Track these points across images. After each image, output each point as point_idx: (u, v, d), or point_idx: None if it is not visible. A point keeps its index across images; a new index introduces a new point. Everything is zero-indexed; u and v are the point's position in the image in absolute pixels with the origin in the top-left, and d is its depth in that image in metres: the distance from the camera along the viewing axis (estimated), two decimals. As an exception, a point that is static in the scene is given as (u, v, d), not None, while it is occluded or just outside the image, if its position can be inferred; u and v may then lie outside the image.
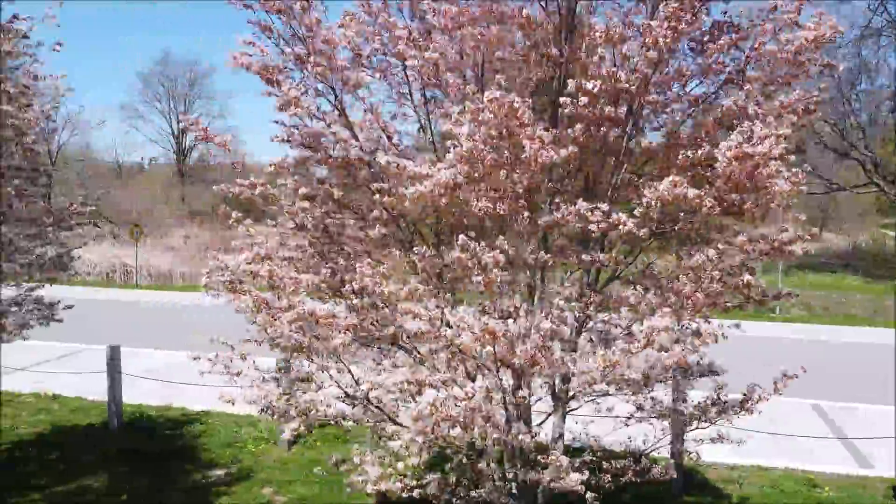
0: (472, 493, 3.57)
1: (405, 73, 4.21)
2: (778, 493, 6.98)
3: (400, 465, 3.52)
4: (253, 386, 3.90)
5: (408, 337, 3.56)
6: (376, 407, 3.44)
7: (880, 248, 34.33)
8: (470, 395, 2.96)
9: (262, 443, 8.16)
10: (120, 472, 7.34)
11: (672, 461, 4.42)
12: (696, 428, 4.14)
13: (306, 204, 4.27)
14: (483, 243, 2.95)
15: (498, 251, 2.95)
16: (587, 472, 3.67)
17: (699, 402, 4.19)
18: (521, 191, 3.19)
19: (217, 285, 3.57)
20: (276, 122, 4.71)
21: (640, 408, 4.19)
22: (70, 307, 6.48)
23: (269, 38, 4.30)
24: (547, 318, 3.00)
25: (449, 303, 3.72)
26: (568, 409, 4.31)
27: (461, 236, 2.94)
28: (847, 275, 26.66)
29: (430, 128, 4.35)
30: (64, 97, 5.29)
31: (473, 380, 3.55)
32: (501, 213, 3.20)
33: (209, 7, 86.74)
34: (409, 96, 4.32)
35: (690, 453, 4.18)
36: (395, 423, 3.94)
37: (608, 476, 3.99)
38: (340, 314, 3.44)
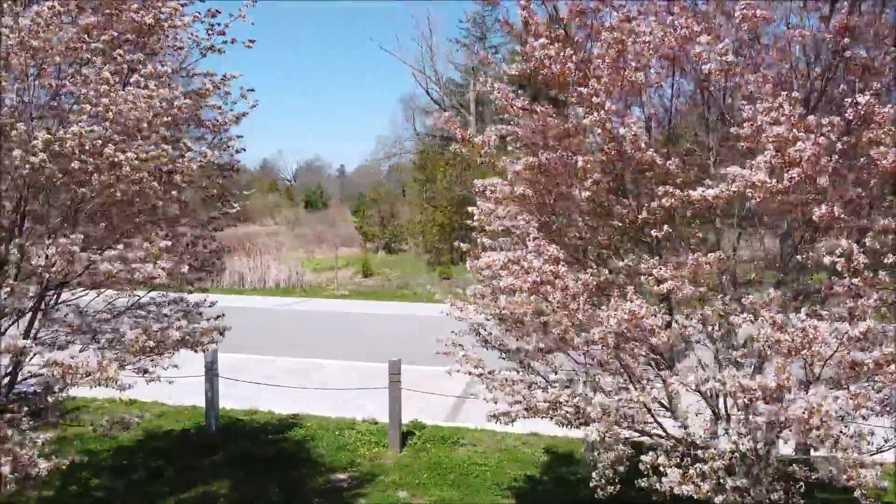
0: (772, 496, 3.61)
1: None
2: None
3: (706, 467, 3.53)
4: (556, 393, 3.87)
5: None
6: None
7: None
8: (827, 402, 3.00)
9: (373, 446, 8.03)
10: (238, 477, 7.15)
11: None
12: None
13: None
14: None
15: (863, 254, 2.99)
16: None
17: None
18: (862, 194, 3.24)
19: (522, 285, 3.51)
20: (499, 125, 4.69)
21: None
22: (214, 304, 6.23)
23: (517, 38, 4.28)
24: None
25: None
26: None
27: (843, 240, 2.97)
28: None
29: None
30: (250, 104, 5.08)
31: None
32: (839, 216, 3.24)
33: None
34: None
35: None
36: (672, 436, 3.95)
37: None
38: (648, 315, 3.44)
